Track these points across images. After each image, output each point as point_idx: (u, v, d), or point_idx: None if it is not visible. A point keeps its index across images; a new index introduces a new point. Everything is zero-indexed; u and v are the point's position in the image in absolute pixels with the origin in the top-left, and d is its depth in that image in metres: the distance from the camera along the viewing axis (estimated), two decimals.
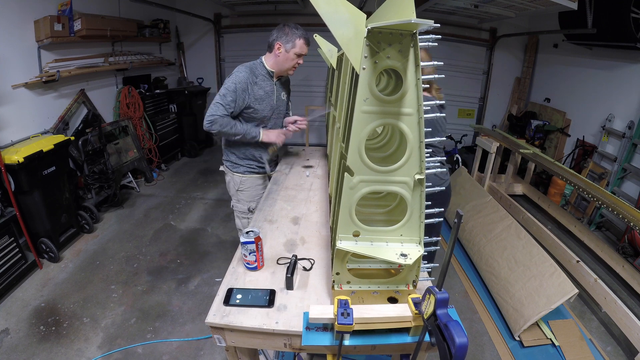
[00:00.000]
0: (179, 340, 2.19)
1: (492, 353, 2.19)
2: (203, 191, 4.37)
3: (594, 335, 2.35)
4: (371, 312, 0.93)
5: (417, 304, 0.92)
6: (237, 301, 1.07)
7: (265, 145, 2.02)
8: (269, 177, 2.14)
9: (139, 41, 4.67)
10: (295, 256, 1.21)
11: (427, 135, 0.87)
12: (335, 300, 0.92)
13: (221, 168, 2.20)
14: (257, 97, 1.91)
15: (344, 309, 0.89)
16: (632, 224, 2.36)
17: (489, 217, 3.08)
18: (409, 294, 0.99)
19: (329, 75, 2.55)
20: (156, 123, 4.80)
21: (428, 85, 1.82)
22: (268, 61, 1.93)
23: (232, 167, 2.10)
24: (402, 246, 0.95)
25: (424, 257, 0.97)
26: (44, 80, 3.14)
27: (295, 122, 2.08)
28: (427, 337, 0.84)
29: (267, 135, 1.97)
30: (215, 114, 1.81)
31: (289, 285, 1.13)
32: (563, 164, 3.62)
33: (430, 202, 0.94)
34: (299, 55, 1.88)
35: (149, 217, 3.70)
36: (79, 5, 3.43)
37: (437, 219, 1.00)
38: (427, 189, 0.92)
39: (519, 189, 4.11)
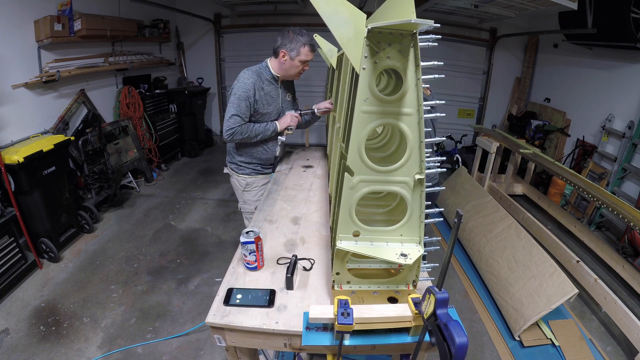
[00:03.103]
0: (178, 336, 2.19)
1: (492, 353, 2.18)
2: (203, 191, 4.37)
3: (594, 335, 2.35)
4: (371, 312, 0.93)
5: (417, 303, 0.92)
6: (237, 301, 1.07)
7: (273, 140, 2.07)
8: (274, 170, 2.20)
9: (139, 41, 4.67)
10: (295, 256, 1.21)
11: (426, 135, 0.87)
12: (335, 300, 0.92)
13: (225, 170, 2.21)
14: (264, 102, 1.93)
15: (344, 308, 0.89)
16: (632, 224, 2.36)
17: (489, 217, 3.08)
18: (409, 294, 0.99)
19: (329, 75, 2.55)
20: (156, 123, 4.80)
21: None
22: (274, 66, 1.94)
23: (237, 169, 2.12)
24: (402, 246, 0.95)
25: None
26: (44, 80, 3.14)
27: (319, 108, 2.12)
28: (427, 337, 0.84)
29: (283, 121, 2.03)
30: (233, 126, 1.85)
31: (289, 285, 1.13)
32: (563, 164, 3.62)
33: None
34: (304, 62, 1.89)
35: (149, 217, 3.70)
36: (79, 5, 3.43)
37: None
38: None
39: (519, 189, 4.11)
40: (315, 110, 2.11)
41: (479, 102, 5.84)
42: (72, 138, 3.26)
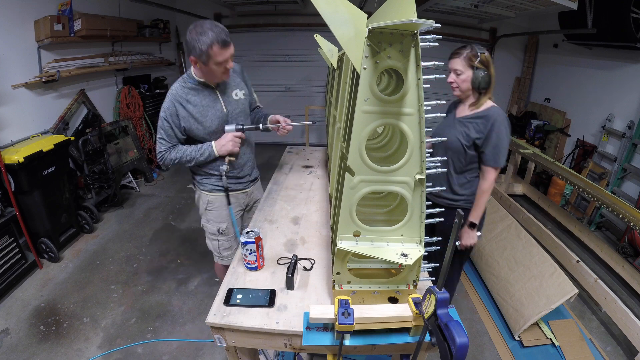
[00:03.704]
0: (179, 340, 2.19)
1: (492, 353, 2.19)
2: None
3: (594, 335, 2.35)
4: (372, 312, 0.93)
5: (417, 303, 0.92)
6: (238, 301, 1.07)
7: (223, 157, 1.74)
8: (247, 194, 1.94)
9: (139, 41, 4.67)
10: (296, 256, 1.21)
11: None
12: (336, 300, 0.92)
13: (189, 185, 2.02)
14: (197, 114, 1.64)
15: (344, 308, 0.89)
16: (632, 224, 2.36)
17: (489, 217, 3.08)
18: (410, 294, 0.99)
19: (329, 75, 2.55)
20: (156, 123, 4.78)
21: None
22: (196, 72, 1.63)
23: (199, 184, 1.86)
24: (403, 246, 0.95)
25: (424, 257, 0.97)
26: (44, 80, 3.14)
27: (277, 122, 1.81)
28: (427, 337, 0.84)
29: (221, 145, 1.68)
30: (160, 151, 1.68)
31: (289, 285, 1.13)
32: (563, 164, 3.62)
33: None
34: (220, 63, 1.51)
35: (149, 217, 3.70)
36: (79, 5, 3.43)
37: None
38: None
39: (519, 189, 4.10)
40: (260, 126, 1.77)
41: None
42: (72, 138, 3.26)
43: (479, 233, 1.76)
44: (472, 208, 1.76)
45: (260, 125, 1.77)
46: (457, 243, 1.80)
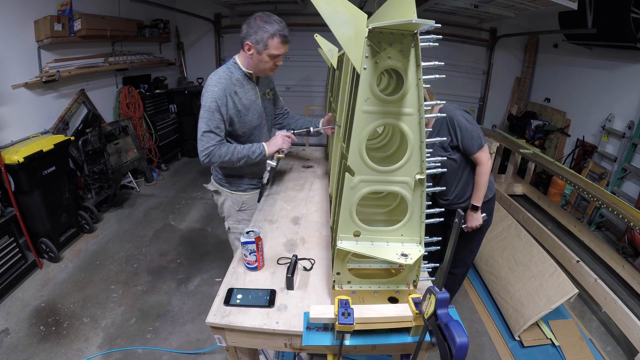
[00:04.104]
0: (175, 352, 2.19)
1: (492, 353, 2.19)
2: (203, 191, 4.36)
3: (594, 335, 2.35)
4: (372, 312, 0.93)
5: (417, 303, 0.92)
6: (238, 301, 1.07)
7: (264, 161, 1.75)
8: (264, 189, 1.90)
9: (139, 41, 4.67)
10: (296, 256, 1.21)
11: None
12: (336, 300, 0.92)
13: (210, 187, 1.91)
14: (242, 108, 1.63)
15: (344, 308, 0.89)
16: (632, 224, 2.36)
17: None
18: (410, 294, 0.99)
19: (330, 75, 2.55)
20: (156, 123, 4.80)
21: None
22: (242, 61, 1.61)
23: (230, 186, 1.83)
24: (403, 246, 0.95)
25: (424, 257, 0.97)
26: (44, 80, 3.14)
27: (329, 121, 1.85)
28: (427, 337, 0.84)
29: (272, 143, 1.68)
30: (208, 145, 1.55)
31: (290, 285, 1.13)
32: (563, 164, 3.62)
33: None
34: (275, 57, 1.54)
35: (149, 217, 3.70)
36: (79, 5, 3.43)
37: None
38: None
39: (519, 189, 4.10)
40: (312, 129, 1.83)
41: (479, 102, 5.84)
42: (72, 138, 3.26)
43: (483, 214, 1.85)
44: (473, 191, 1.84)
45: (311, 129, 1.83)
46: (463, 226, 1.88)
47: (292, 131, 1.76)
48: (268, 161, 1.72)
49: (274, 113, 1.96)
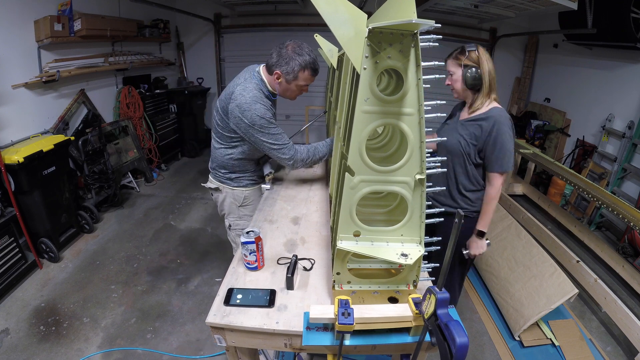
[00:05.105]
0: (175, 355, 2.18)
1: (492, 353, 2.19)
2: (203, 191, 4.36)
3: (594, 335, 2.35)
4: (372, 312, 0.93)
5: (417, 303, 0.92)
6: (238, 301, 1.07)
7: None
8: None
9: (139, 41, 4.67)
10: (296, 256, 1.21)
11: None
12: (336, 300, 0.92)
13: (209, 185, 1.91)
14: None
15: (344, 308, 0.89)
16: (632, 224, 2.36)
17: None
18: (410, 294, 0.99)
19: (329, 75, 2.55)
20: (156, 123, 4.80)
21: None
22: (268, 81, 1.63)
23: (231, 182, 1.84)
24: (403, 246, 0.95)
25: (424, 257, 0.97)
26: (44, 80, 3.14)
27: None
28: (427, 337, 0.84)
29: None
30: (291, 153, 1.63)
31: (289, 285, 1.13)
32: (563, 164, 3.62)
33: None
34: (302, 87, 1.62)
35: (149, 217, 3.70)
36: (79, 5, 3.43)
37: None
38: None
39: (519, 189, 4.10)
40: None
41: None
42: (72, 138, 3.26)
43: (487, 241, 1.71)
44: (480, 216, 1.70)
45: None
46: (464, 252, 1.74)
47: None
48: (262, 186, 1.89)
49: None
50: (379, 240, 0.95)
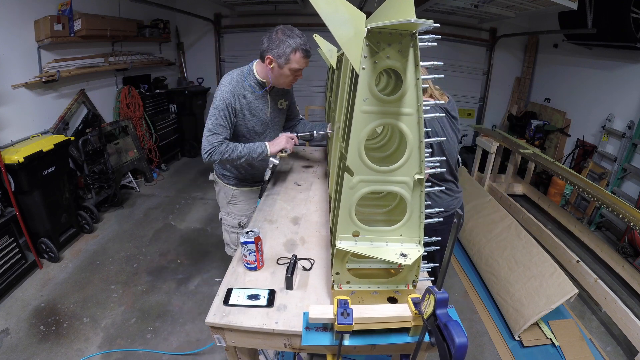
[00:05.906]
0: (174, 354, 2.18)
1: (492, 353, 2.18)
2: (203, 191, 4.36)
3: (594, 335, 2.35)
4: (371, 312, 0.93)
5: (416, 303, 0.92)
6: (237, 301, 1.07)
7: (266, 161, 1.78)
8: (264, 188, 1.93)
9: (139, 41, 4.67)
10: (295, 256, 1.21)
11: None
12: (335, 300, 0.92)
13: (211, 177, 2.01)
14: (246, 112, 1.67)
15: (343, 308, 0.89)
16: (632, 224, 2.36)
17: (489, 217, 3.08)
18: (409, 294, 0.99)
19: (329, 75, 2.55)
20: (156, 123, 4.80)
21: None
22: (259, 70, 1.64)
23: (223, 178, 1.92)
24: (402, 246, 0.95)
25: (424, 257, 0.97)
26: (44, 80, 3.14)
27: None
28: (427, 337, 0.84)
29: (275, 143, 1.71)
30: (211, 144, 1.57)
31: (289, 285, 1.13)
32: (563, 164, 3.62)
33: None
34: (296, 70, 1.58)
35: (149, 217, 3.70)
36: (79, 5, 3.43)
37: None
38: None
39: (519, 189, 4.11)
40: (315, 133, 1.88)
41: (479, 102, 5.84)
42: (72, 138, 3.26)
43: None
44: None
45: (315, 132, 1.88)
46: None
47: (296, 133, 1.81)
48: (271, 159, 1.76)
49: (287, 122, 2.02)
50: (378, 240, 0.95)
